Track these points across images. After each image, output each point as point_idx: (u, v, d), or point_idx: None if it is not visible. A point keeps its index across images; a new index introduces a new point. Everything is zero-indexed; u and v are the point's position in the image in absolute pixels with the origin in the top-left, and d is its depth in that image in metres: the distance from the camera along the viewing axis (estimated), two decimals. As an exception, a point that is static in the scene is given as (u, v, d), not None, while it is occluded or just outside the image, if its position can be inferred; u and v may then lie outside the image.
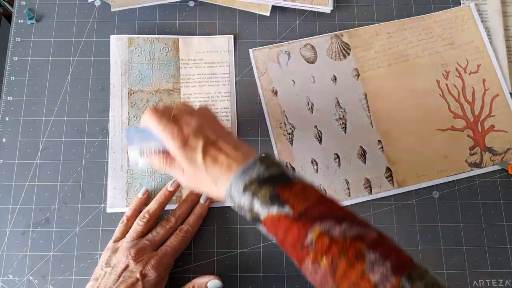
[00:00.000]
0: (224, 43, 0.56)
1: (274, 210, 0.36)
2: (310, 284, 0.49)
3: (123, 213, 0.49)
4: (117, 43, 0.55)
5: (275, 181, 0.38)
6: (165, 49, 0.55)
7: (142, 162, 0.43)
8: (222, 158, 0.40)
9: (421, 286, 0.32)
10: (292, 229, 0.36)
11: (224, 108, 0.54)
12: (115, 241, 0.47)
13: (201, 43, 0.56)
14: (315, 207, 0.36)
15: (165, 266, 0.45)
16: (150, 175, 0.52)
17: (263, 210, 0.37)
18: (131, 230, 0.47)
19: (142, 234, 0.47)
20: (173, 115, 0.42)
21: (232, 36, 0.57)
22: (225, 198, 0.40)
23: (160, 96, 0.54)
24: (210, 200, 0.51)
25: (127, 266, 0.43)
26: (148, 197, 0.51)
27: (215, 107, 0.54)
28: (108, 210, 0.50)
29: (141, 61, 0.55)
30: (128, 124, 0.53)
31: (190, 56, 0.56)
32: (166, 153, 0.42)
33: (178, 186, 0.51)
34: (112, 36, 0.56)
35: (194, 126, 0.41)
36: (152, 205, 0.49)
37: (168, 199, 0.50)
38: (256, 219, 0.38)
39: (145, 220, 0.47)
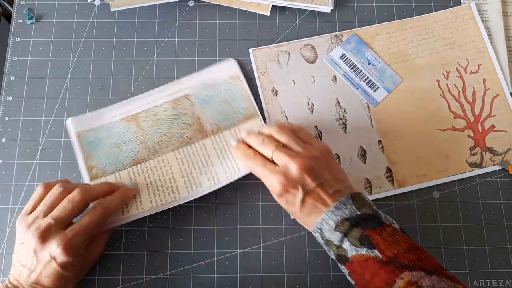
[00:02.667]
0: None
1: (364, 251, 0.38)
2: (310, 285, 0.49)
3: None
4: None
5: (366, 222, 0.39)
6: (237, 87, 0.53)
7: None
8: (319, 205, 0.41)
9: None
10: (380, 273, 0.36)
11: (216, 173, 0.49)
12: (27, 214, 0.42)
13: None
14: (404, 254, 0.37)
15: (78, 246, 0.41)
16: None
17: (351, 250, 0.38)
18: (43, 201, 0.42)
19: (53, 209, 0.42)
20: (277, 146, 0.43)
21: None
22: (313, 229, 0.42)
23: (190, 125, 0.51)
24: (137, 190, 0.47)
25: (36, 248, 0.40)
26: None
27: (212, 168, 0.50)
28: None
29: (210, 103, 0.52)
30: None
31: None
32: None
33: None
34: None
35: (297, 175, 0.41)
36: (90, 187, 0.44)
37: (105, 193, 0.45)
38: (342, 256, 0.39)
39: (61, 190, 0.42)
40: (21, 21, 0.57)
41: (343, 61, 0.56)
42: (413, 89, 0.55)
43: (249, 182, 0.52)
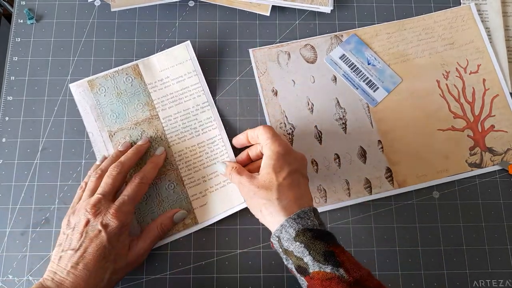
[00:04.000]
0: (183, 52, 0.54)
1: (328, 269, 0.36)
2: (310, 285, 0.49)
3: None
4: (79, 90, 0.53)
5: (328, 238, 0.38)
6: (128, 79, 0.53)
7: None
8: (297, 190, 0.41)
9: None
10: None
11: (208, 118, 0.53)
12: (72, 206, 0.46)
13: (161, 61, 0.54)
14: (368, 278, 0.36)
15: (125, 213, 0.44)
16: None
17: (314, 265, 0.36)
18: (85, 191, 0.46)
19: (95, 191, 0.45)
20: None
21: (188, 42, 0.55)
22: (272, 236, 0.41)
23: (141, 128, 0.52)
24: (165, 153, 0.51)
25: (87, 222, 0.42)
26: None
27: (197, 120, 0.53)
28: None
29: (110, 100, 0.52)
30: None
31: (155, 78, 0.53)
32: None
33: (143, 148, 0.50)
34: (71, 85, 0.53)
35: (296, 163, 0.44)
36: (105, 163, 0.48)
37: (118, 156, 0.48)
38: (302, 268, 0.37)
39: (97, 176, 0.46)
40: (22, 21, 0.57)
41: (343, 61, 0.56)
42: (413, 89, 0.55)
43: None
